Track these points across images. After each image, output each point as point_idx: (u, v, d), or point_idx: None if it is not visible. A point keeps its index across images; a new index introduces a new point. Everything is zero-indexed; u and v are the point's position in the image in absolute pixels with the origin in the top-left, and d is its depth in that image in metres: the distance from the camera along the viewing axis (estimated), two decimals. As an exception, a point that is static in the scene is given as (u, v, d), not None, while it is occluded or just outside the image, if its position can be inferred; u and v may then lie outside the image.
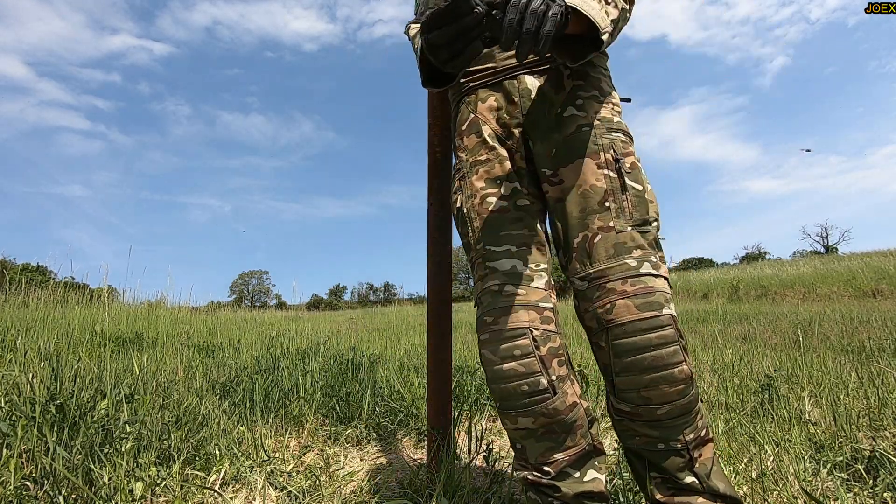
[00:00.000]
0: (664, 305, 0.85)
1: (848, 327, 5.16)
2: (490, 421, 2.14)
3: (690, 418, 0.89)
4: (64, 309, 4.22)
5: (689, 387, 0.86)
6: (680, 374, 0.84)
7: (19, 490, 1.11)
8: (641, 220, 0.91)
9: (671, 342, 0.84)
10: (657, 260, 0.90)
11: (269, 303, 49.23)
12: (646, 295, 0.85)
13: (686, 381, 0.85)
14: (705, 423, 0.92)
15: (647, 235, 0.91)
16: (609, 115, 0.99)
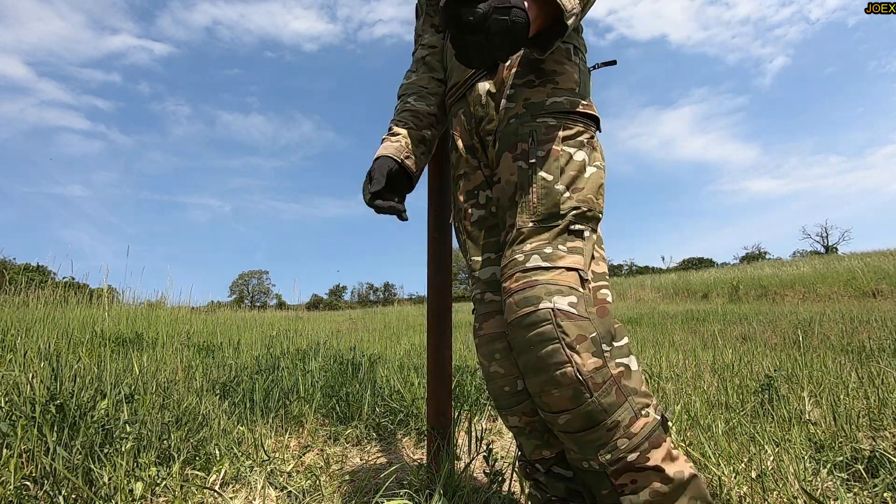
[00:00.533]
0: (542, 299, 0.76)
1: (848, 327, 5.16)
2: (490, 421, 2.14)
3: (600, 434, 0.75)
4: (64, 309, 4.22)
5: (584, 392, 0.73)
6: (564, 378, 0.74)
7: (19, 490, 1.11)
8: (546, 215, 0.84)
9: (549, 340, 0.75)
10: (554, 250, 0.81)
11: (269, 303, 49.24)
12: (525, 290, 0.79)
13: (574, 385, 0.73)
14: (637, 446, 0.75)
15: (550, 228, 0.83)
16: (540, 99, 0.91)
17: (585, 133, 0.90)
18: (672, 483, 0.74)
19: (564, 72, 0.94)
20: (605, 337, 0.78)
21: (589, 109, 0.93)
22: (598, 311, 0.80)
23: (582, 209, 0.85)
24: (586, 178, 0.87)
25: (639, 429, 0.75)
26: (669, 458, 0.76)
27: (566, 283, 0.78)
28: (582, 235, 0.84)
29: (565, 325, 0.75)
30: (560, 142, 0.88)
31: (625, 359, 0.79)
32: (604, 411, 0.74)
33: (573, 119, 0.90)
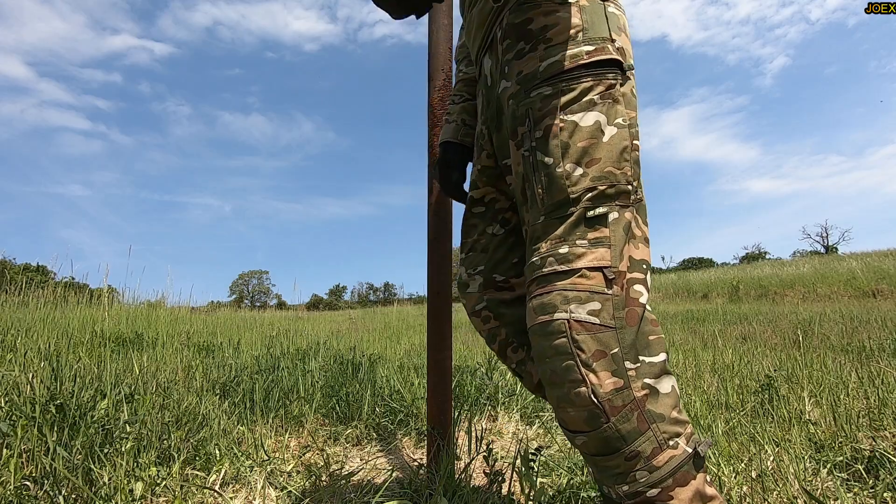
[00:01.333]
0: (558, 308, 0.67)
1: (848, 327, 5.16)
2: (490, 421, 2.14)
3: (618, 462, 0.66)
4: (64, 309, 4.22)
5: (600, 416, 0.65)
6: (578, 398, 0.66)
7: (19, 490, 1.11)
8: (554, 204, 0.72)
9: (564, 354, 0.66)
10: (571, 248, 0.69)
11: (269, 303, 49.23)
12: (543, 295, 0.70)
13: (590, 408, 0.65)
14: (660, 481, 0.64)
15: (564, 220, 0.71)
16: (533, 67, 0.77)
17: (598, 86, 0.73)
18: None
19: (557, 21, 0.76)
20: (629, 352, 0.67)
21: (601, 54, 0.74)
22: (627, 317, 0.68)
23: (599, 188, 0.70)
24: (604, 143, 0.71)
25: (662, 462, 0.64)
26: (699, 498, 0.65)
27: (587, 287, 0.67)
28: (605, 221, 0.70)
29: (581, 338, 0.66)
30: (559, 112, 0.72)
31: (654, 380, 0.67)
32: (622, 439, 0.65)
33: (575, 76, 0.73)
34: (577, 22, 0.76)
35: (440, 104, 1.43)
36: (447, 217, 1.41)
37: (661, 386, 0.67)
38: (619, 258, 0.69)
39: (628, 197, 0.72)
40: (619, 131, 0.72)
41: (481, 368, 2.70)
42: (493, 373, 2.61)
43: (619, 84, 0.75)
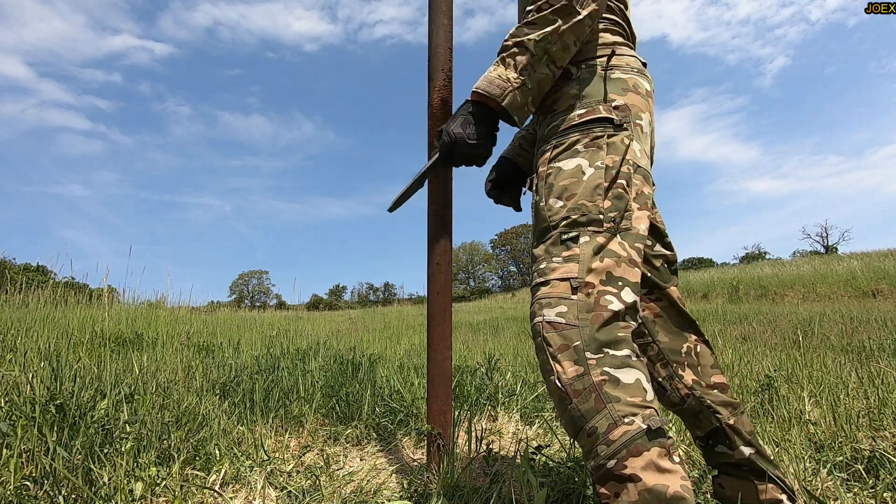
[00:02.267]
0: (536, 313, 0.85)
1: (848, 327, 5.16)
2: (490, 421, 2.14)
3: (584, 440, 0.77)
4: (64, 309, 4.22)
5: (565, 399, 0.78)
6: (551, 385, 0.80)
7: (19, 490, 1.11)
8: (540, 231, 0.92)
9: (540, 349, 0.83)
10: (548, 263, 0.87)
11: (269, 303, 49.21)
12: (531, 304, 0.88)
13: (559, 392, 0.79)
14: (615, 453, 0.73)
15: (545, 242, 0.90)
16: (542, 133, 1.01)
17: (584, 139, 0.92)
18: (650, 494, 0.70)
19: (560, 96, 0.99)
20: (590, 344, 0.79)
21: (591, 114, 0.93)
22: (591, 319, 0.80)
23: (572, 216, 0.87)
24: (583, 181, 0.88)
25: (617, 436, 0.74)
26: (654, 468, 0.72)
27: (556, 294, 0.83)
28: (577, 242, 0.86)
29: (549, 336, 0.81)
30: (547, 163, 0.94)
31: (615, 369, 0.78)
32: (582, 417, 0.77)
33: (566, 133, 0.94)
34: (575, 92, 0.97)
35: (440, 104, 1.43)
36: (447, 217, 1.41)
37: (623, 375, 0.78)
38: (587, 272, 0.83)
39: (600, 224, 0.86)
40: (597, 171, 0.88)
41: (481, 368, 2.70)
42: (493, 373, 2.61)
43: (607, 136, 0.91)
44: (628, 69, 0.99)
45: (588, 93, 0.96)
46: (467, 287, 47.79)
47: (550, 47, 0.93)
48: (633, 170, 0.91)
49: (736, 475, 1.02)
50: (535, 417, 2.14)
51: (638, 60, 1.03)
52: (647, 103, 0.98)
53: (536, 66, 0.95)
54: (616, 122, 0.92)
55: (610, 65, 0.98)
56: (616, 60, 0.99)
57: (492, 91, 0.96)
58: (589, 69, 0.99)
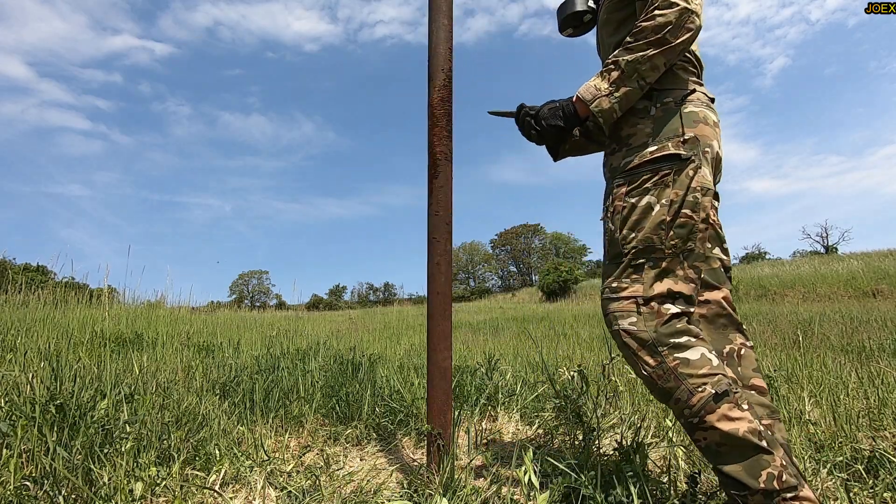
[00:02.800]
0: (612, 323, 1.10)
1: (848, 327, 5.17)
2: (490, 421, 2.14)
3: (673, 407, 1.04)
4: (64, 309, 4.22)
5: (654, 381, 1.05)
6: (640, 374, 1.07)
7: (19, 490, 1.11)
8: (614, 255, 1.13)
9: (624, 348, 1.09)
10: (618, 284, 1.10)
11: (269, 303, 49.18)
12: (607, 315, 1.12)
13: (647, 378, 1.06)
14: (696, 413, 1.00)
15: (617, 265, 1.11)
16: (616, 163, 1.16)
17: (654, 177, 1.09)
18: (727, 436, 0.97)
19: (636, 132, 1.14)
20: (660, 340, 1.04)
21: (660, 152, 1.09)
22: (657, 323, 1.05)
23: (639, 247, 1.08)
24: (651, 217, 1.08)
25: (695, 401, 1.00)
26: (725, 419, 0.97)
27: (627, 309, 1.08)
28: (641, 268, 1.08)
29: (628, 340, 1.07)
30: (623, 197, 1.12)
31: (683, 352, 1.02)
32: (668, 392, 1.03)
33: (638, 172, 1.10)
34: (649, 131, 1.12)
35: (440, 104, 1.43)
36: (447, 217, 1.41)
37: (690, 354, 1.02)
38: (648, 291, 1.07)
39: (662, 252, 1.07)
40: (662, 208, 1.07)
41: (481, 368, 2.70)
42: (493, 373, 2.61)
43: (674, 172, 1.08)
44: (699, 103, 1.14)
45: (661, 131, 1.11)
46: (467, 287, 47.77)
47: (640, 67, 1.09)
48: (703, 193, 1.08)
49: None
50: (535, 417, 2.14)
51: (707, 95, 1.18)
52: (715, 132, 1.14)
53: (626, 81, 1.10)
54: (683, 157, 1.08)
55: (685, 100, 1.14)
56: (690, 96, 1.14)
57: (584, 96, 1.14)
58: (664, 107, 1.13)
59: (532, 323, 9.71)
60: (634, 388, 2.50)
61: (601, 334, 6.44)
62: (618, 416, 2.07)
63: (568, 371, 2.49)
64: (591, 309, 13.58)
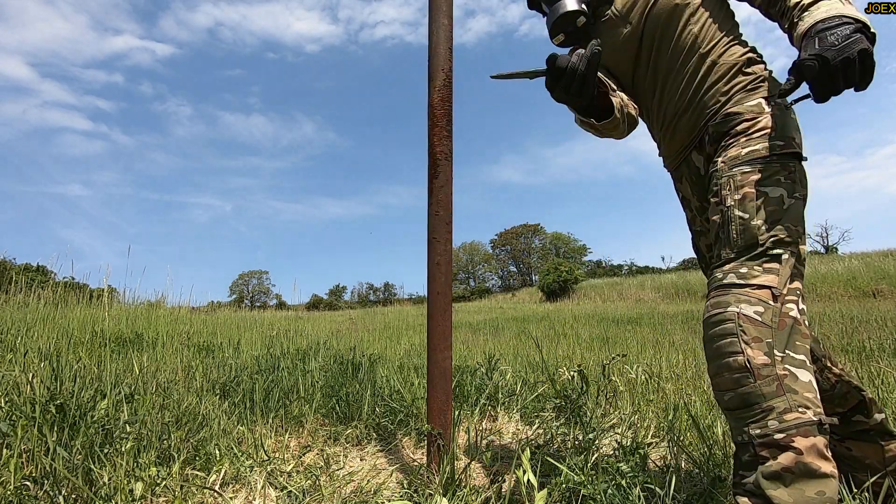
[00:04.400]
0: (731, 304, 0.99)
1: (848, 327, 5.17)
2: (490, 421, 2.14)
3: (755, 413, 0.93)
4: (64, 309, 4.22)
5: (748, 377, 0.94)
6: (735, 363, 0.96)
7: (19, 490, 1.11)
8: (746, 245, 1.04)
9: (729, 334, 0.98)
10: (749, 270, 1.02)
11: (269, 303, 49.16)
12: (719, 297, 1.02)
13: (741, 371, 0.95)
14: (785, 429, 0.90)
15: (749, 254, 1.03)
16: (735, 153, 1.10)
17: (784, 170, 1.05)
18: (805, 467, 0.87)
19: (756, 125, 1.10)
20: (778, 344, 0.96)
21: (789, 148, 1.06)
22: (779, 325, 0.97)
23: (780, 236, 1.02)
24: (785, 209, 1.03)
25: (791, 419, 0.90)
26: (815, 451, 0.88)
27: (756, 296, 0.98)
28: (779, 259, 1.01)
29: (746, 326, 0.96)
30: (754, 185, 1.05)
31: (795, 368, 0.95)
32: (762, 396, 0.93)
33: (769, 161, 1.06)
34: (770, 124, 1.09)
35: (440, 104, 1.43)
36: (447, 217, 1.41)
37: (800, 374, 0.94)
38: (784, 285, 0.99)
39: (797, 246, 1.03)
40: (796, 203, 1.04)
41: (481, 368, 2.70)
42: (493, 373, 2.61)
43: (798, 171, 1.06)
44: (793, 110, 1.13)
45: (782, 127, 1.09)
46: (467, 287, 47.75)
47: None
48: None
49: (864, 439, 1.19)
50: (535, 417, 2.14)
51: None
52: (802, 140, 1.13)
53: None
54: (801, 158, 1.08)
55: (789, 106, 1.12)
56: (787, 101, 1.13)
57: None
58: (778, 106, 1.11)
59: (532, 323, 9.71)
60: (634, 388, 2.50)
61: (601, 334, 6.44)
62: (618, 416, 2.07)
63: (568, 371, 2.49)
64: (591, 309, 13.59)
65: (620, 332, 6.67)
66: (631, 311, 11.19)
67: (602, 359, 3.07)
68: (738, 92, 1.14)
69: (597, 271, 38.27)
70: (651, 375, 2.73)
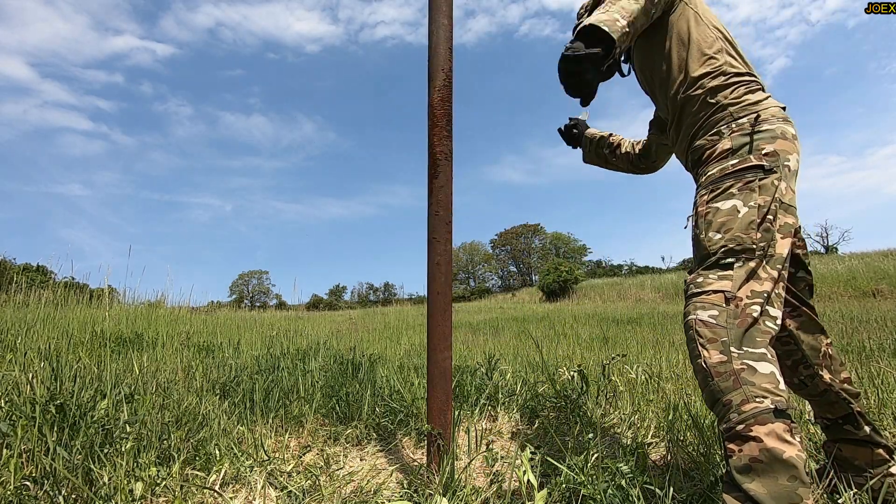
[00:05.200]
0: (690, 313, 1.08)
1: (848, 327, 5.17)
2: (490, 421, 2.14)
3: (719, 409, 1.00)
4: (64, 309, 4.22)
5: (708, 377, 1.02)
6: (697, 365, 1.05)
7: (19, 490, 1.11)
8: (701, 257, 1.14)
9: (691, 339, 1.07)
10: (703, 280, 1.10)
11: (269, 303, 49.16)
12: (685, 307, 1.12)
13: (703, 371, 1.03)
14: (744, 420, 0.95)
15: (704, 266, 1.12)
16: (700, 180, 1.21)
17: (738, 183, 1.12)
18: (769, 454, 0.91)
19: (715, 150, 1.19)
20: (735, 342, 1.01)
21: (742, 164, 1.13)
22: (738, 323, 1.03)
23: (729, 246, 1.08)
24: (738, 218, 1.09)
25: (748, 409, 0.96)
26: (775, 436, 0.92)
27: (711, 301, 1.06)
28: (731, 266, 1.08)
29: (700, 329, 1.05)
30: (706, 203, 1.15)
31: (754, 362, 1.00)
32: (721, 391, 0.99)
33: (721, 180, 1.14)
34: (728, 146, 1.17)
35: (440, 104, 1.43)
36: (447, 217, 1.41)
37: (759, 367, 0.99)
38: (738, 288, 1.05)
39: (752, 252, 1.07)
40: (750, 210, 1.09)
41: (481, 368, 2.70)
42: (493, 373, 2.61)
43: (758, 179, 1.11)
44: (774, 120, 1.17)
45: (740, 147, 1.16)
46: (467, 287, 47.74)
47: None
48: (778, 205, 1.10)
49: (854, 444, 1.25)
50: (535, 417, 2.14)
51: (779, 108, 1.21)
52: (794, 146, 1.16)
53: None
54: (766, 168, 1.11)
55: (758, 121, 1.17)
56: (763, 114, 1.18)
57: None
58: (740, 129, 1.18)
59: (532, 323, 9.71)
60: (634, 388, 2.50)
61: (601, 334, 6.44)
62: (618, 416, 2.07)
63: (568, 371, 2.49)
64: (591, 309, 13.59)
65: (620, 332, 6.67)
66: (631, 311, 11.19)
67: (602, 359, 3.07)
68: (703, 125, 1.24)
69: (597, 271, 38.27)
70: (651, 375, 2.73)
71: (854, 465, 1.25)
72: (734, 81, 1.22)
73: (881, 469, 1.22)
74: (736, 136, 1.18)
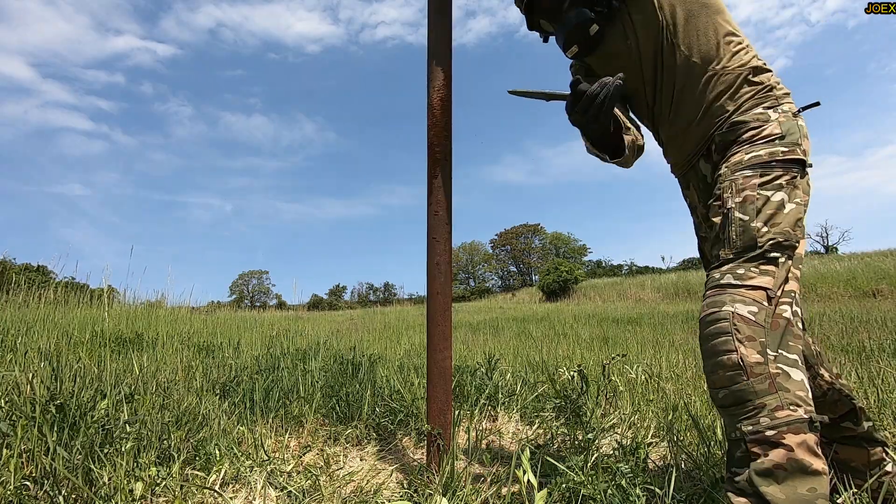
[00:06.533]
0: (726, 304, 1.01)
1: (848, 327, 5.17)
2: (490, 421, 2.14)
3: (748, 410, 0.95)
4: (64, 309, 4.22)
5: (741, 375, 0.96)
6: (729, 361, 0.97)
7: (19, 490, 1.11)
8: (745, 246, 1.06)
9: (724, 332, 0.99)
10: (745, 272, 1.03)
11: (269, 303, 49.15)
12: (715, 296, 1.04)
13: (735, 369, 0.96)
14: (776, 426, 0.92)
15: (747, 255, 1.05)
16: (739, 158, 1.13)
17: (785, 176, 1.07)
18: (796, 464, 0.89)
19: (762, 131, 1.12)
20: (771, 343, 0.98)
21: (792, 154, 1.09)
22: (772, 325, 0.99)
23: (778, 240, 1.04)
24: (785, 213, 1.05)
25: (782, 416, 0.92)
26: (805, 447, 0.90)
27: (752, 297, 1.00)
28: (776, 262, 1.03)
29: (739, 325, 0.98)
30: (756, 188, 1.08)
31: (787, 367, 0.97)
32: (754, 393, 0.94)
33: (771, 166, 1.08)
34: (777, 131, 1.11)
35: (440, 104, 1.43)
36: (447, 217, 1.41)
37: (793, 373, 0.97)
38: (778, 287, 1.02)
39: (794, 250, 1.05)
40: (797, 207, 1.06)
41: (481, 368, 2.70)
42: (493, 373, 2.61)
43: (800, 177, 1.09)
44: (801, 117, 1.15)
45: (788, 133, 1.11)
46: (467, 287, 47.72)
47: None
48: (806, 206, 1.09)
49: (851, 444, 1.23)
50: (535, 417, 2.14)
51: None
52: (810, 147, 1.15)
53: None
54: (805, 166, 1.10)
55: (797, 115, 1.14)
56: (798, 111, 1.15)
57: None
58: (785, 114, 1.14)
59: (532, 323, 9.71)
60: (634, 388, 2.50)
61: (601, 334, 6.44)
62: (618, 416, 2.07)
63: (568, 371, 2.49)
64: (591, 309, 13.59)
65: (620, 332, 6.68)
66: (631, 311, 11.20)
67: (602, 359, 3.07)
68: (745, 101, 1.16)
69: (597, 271, 38.24)
70: (651, 375, 2.73)
71: (851, 467, 1.23)
72: (768, 69, 1.20)
73: (879, 469, 1.21)
74: (784, 122, 1.13)
